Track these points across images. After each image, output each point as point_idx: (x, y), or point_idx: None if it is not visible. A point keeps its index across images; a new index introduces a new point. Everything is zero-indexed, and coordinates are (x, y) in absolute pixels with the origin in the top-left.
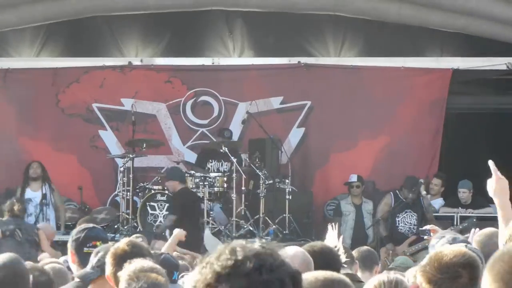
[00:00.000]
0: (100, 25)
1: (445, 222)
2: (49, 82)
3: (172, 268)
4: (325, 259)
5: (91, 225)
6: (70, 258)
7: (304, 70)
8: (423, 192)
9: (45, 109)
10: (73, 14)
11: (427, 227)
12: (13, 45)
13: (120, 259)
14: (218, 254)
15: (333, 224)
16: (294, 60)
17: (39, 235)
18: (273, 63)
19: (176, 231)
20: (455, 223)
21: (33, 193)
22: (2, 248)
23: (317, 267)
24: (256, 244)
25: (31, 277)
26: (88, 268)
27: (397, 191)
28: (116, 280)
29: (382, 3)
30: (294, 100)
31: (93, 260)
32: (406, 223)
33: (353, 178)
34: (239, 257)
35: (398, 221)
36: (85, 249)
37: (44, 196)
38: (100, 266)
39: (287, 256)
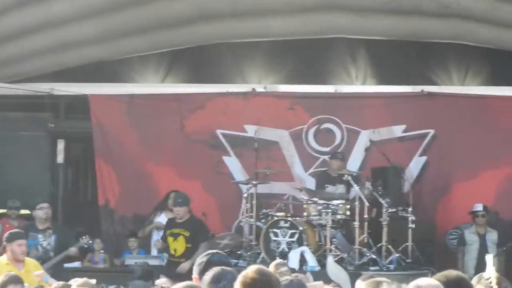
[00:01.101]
0: (223, 51)
1: None
2: (174, 108)
3: None
4: None
5: (215, 250)
6: (194, 282)
7: (427, 98)
8: None
9: (170, 135)
10: (197, 41)
11: None
12: (138, 71)
13: (249, 287)
14: None
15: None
16: (417, 88)
17: None
18: (396, 91)
19: None
20: None
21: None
22: None
23: None
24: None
25: None
26: None
27: None
28: None
29: (506, 32)
30: (417, 129)
31: None
32: None
33: (479, 207)
34: None
35: None
36: None
37: None
38: None
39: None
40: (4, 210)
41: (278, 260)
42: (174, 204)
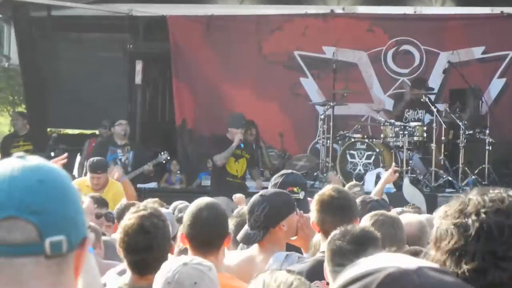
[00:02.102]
0: None
1: None
2: (252, 30)
3: None
4: None
5: (290, 171)
6: None
7: (507, 19)
8: None
9: (247, 56)
10: None
11: None
12: None
13: (327, 205)
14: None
15: None
16: (496, 10)
17: None
18: (475, 12)
19: (387, 174)
20: None
21: None
22: None
23: None
24: None
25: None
26: (248, 230)
27: None
28: (323, 227)
29: None
30: (496, 50)
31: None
32: None
33: None
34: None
35: None
36: None
37: None
38: (260, 224)
39: None
40: (95, 131)
41: (352, 182)
42: (238, 125)
